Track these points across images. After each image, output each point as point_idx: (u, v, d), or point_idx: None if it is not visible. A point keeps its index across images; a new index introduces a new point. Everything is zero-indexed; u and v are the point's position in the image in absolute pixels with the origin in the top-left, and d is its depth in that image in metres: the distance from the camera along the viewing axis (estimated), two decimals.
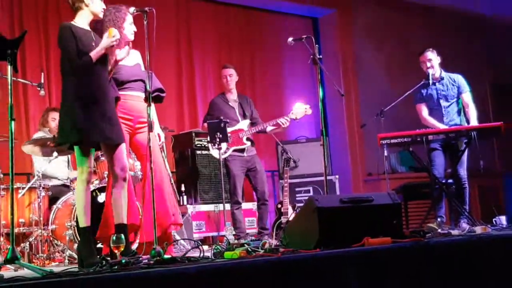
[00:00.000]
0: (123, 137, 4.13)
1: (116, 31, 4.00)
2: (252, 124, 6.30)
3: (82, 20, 4.03)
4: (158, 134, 4.71)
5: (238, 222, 6.05)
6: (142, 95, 4.48)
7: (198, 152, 6.83)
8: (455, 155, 5.85)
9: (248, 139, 6.22)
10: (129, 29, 4.46)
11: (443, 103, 6.00)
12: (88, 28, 4.04)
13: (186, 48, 8.06)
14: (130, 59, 4.53)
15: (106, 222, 4.32)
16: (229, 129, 6.08)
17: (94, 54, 3.89)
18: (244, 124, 6.26)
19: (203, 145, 6.84)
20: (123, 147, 4.14)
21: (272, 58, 8.74)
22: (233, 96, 6.38)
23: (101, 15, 4.08)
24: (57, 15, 6.85)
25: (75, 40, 3.88)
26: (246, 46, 8.60)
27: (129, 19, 4.46)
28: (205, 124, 6.20)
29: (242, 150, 6.18)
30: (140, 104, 4.45)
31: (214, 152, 6.08)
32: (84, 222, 3.88)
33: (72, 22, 4.00)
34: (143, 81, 4.48)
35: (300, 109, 6.11)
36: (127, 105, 4.46)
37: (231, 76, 6.35)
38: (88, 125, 3.84)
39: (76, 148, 3.90)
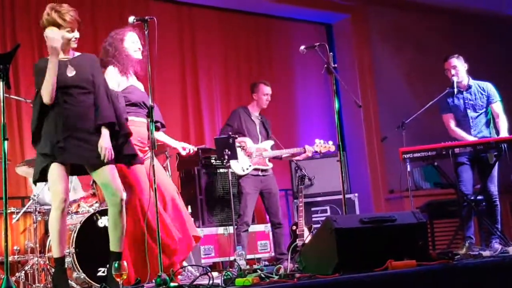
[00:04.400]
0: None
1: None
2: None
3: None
4: (183, 147, 4.82)
5: (242, 247, 6.03)
6: (145, 120, 4.55)
7: (205, 170, 6.82)
8: (484, 169, 5.81)
9: (269, 161, 6.35)
10: (131, 47, 4.50)
11: (471, 113, 5.98)
12: (64, 57, 4.05)
13: (190, 59, 8.10)
14: (141, 86, 4.61)
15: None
16: (255, 145, 6.24)
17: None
18: (268, 144, 6.38)
19: (210, 162, 6.84)
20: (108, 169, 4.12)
21: (282, 68, 8.76)
22: (256, 113, 6.52)
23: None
24: None
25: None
26: (254, 56, 8.64)
27: (130, 37, 4.50)
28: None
29: (258, 169, 6.23)
30: (144, 130, 4.51)
31: (237, 168, 6.16)
32: (58, 252, 3.95)
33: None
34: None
35: (322, 145, 6.24)
36: (142, 133, 4.51)
37: (269, 96, 6.50)
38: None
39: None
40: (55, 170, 3.92)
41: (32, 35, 6.92)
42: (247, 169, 6.21)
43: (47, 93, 3.90)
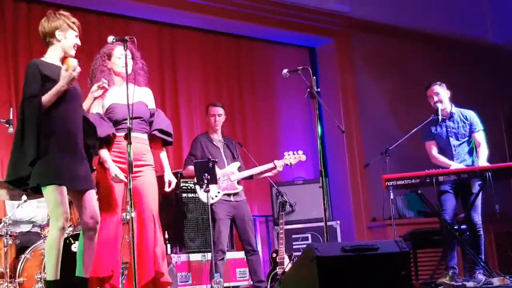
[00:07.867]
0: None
1: (75, 62, 4.01)
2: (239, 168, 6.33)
3: (53, 56, 4.12)
4: (169, 181, 4.76)
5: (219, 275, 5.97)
6: (141, 135, 4.58)
7: (184, 195, 6.80)
8: (468, 198, 5.85)
9: (238, 183, 6.25)
10: (118, 62, 4.56)
11: (453, 141, 6.03)
12: (59, 63, 4.10)
13: (170, 81, 8.08)
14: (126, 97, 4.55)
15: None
16: (220, 171, 6.13)
17: (50, 95, 3.91)
18: (235, 166, 6.28)
19: (189, 187, 6.81)
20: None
21: (265, 91, 8.78)
22: (217, 136, 6.43)
23: (72, 52, 4.12)
24: (27, 46, 6.85)
25: (41, 79, 3.93)
26: (236, 79, 8.64)
27: (117, 52, 4.57)
28: (190, 167, 6.18)
29: (230, 195, 6.18)
30: (137, 146, 4.48)
31: (203, 195, 6.06)
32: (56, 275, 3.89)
33: (42, 58, 4.08)
34: (145, 121, 4.58)
35: (292, 156, 6.20)
36: (122, 147, 4.49)
37: (220, 116, 6.39)
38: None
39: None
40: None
41: (7, 53, 6.84)
42: (216, 196, 6.11)
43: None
